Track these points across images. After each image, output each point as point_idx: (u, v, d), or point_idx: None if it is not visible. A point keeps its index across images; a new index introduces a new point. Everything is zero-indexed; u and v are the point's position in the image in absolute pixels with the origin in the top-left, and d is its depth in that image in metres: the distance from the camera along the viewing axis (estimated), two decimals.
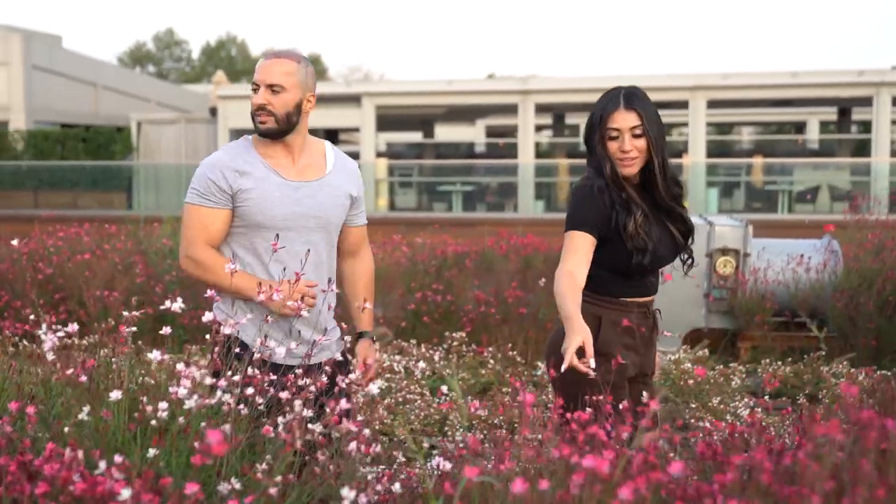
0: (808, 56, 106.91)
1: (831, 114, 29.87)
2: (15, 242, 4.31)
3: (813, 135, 33.57)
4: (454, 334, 6.87)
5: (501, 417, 5.38)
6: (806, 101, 26.31)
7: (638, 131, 3.11)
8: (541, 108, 24.60)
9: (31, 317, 2.93)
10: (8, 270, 7.66)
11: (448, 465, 2.42)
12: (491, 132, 34.89)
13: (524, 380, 6.63)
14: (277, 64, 3.19)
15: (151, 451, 2.34)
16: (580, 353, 2.84)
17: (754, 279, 7.30)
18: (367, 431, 2.53)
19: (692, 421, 5.44)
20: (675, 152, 26.62)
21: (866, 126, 26.16)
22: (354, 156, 25.50)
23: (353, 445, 2.38)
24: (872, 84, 22.47)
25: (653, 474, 1.85)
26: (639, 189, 3.21)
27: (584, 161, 3.39)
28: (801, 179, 24.40)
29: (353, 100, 25.06)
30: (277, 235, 3.22)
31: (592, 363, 2.80)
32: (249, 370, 2.62)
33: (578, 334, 2.85)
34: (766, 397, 5.79)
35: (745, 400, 5.95)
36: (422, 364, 6.10)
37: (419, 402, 5.70)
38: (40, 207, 23.43)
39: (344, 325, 3.59)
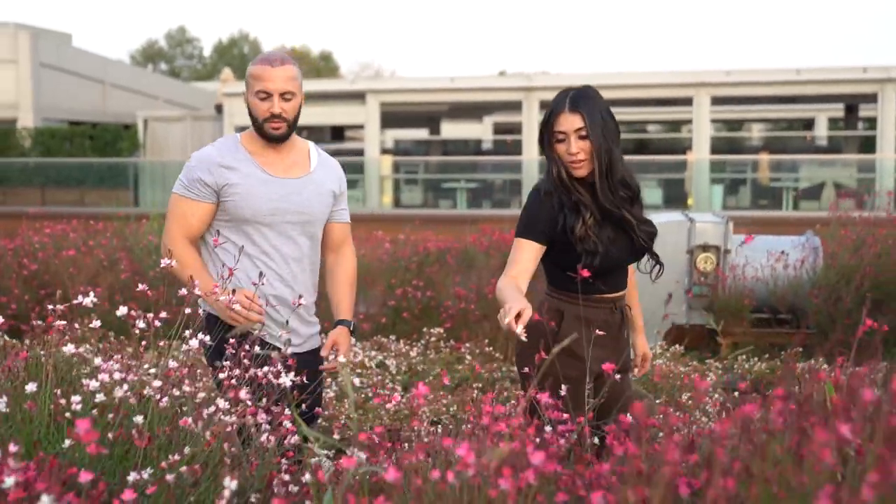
0: (812, 53, 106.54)
1: (839, 111, 29.78)
2: None
3: (821, 131, 33.46)
4: (432, 330, 6.91)
5: (469, 412, 5.41)
6: (810, 98, 26.21)
7: (583, 133, 3.10)
8: (545, 105, 24.59)
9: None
10: None
11: (363, 457, 2.45)
12: (499, 129, 34.89)
13: (501, 375, 6.68)
14: (284, 71, 3.28)
15: (67, 442, 2.38)
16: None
17: (733, 276, 7.31)
18: (286, 423, 2.57)
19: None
20: (680, 149, 26.64)
21: (872, 123, 26.06)
22: (359, 153, 25.66)
23: (264, 437, 2.43)
24: (877, 81, 22.39)
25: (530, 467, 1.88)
26: (590, 189, 3.20)
27: None
28: (807, 176, 24.33)
29: (358, 97, 25.12)
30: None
31: (522, 332, 2.78)
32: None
33: (520, 302, 2.84)
34: (736, 393, 5.80)
35: (716, 396, 5.96)
36: (389, 362, 6.13)
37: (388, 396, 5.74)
38: (48, 204, 23.59)
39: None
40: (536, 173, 24.09)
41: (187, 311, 3.24)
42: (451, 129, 35.49)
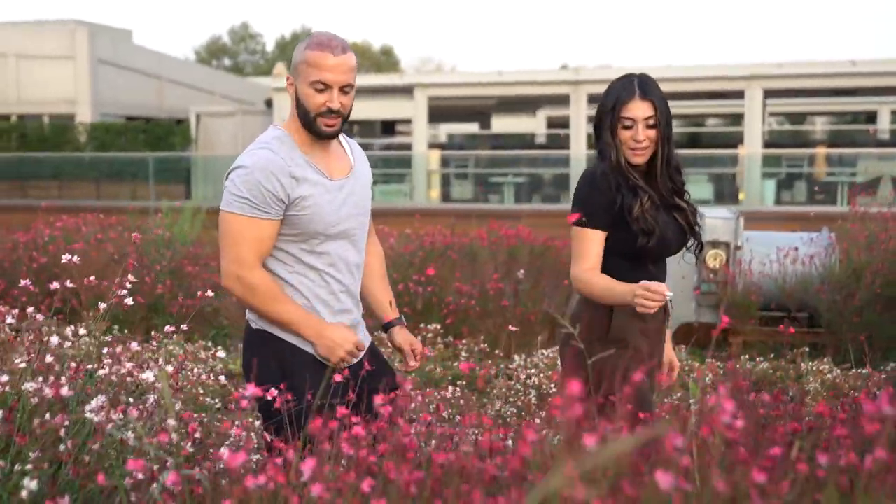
0: (869, 44, 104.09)
1: None
2: None
3: (884, 125, 32.59)
4: (428, 326, 6.82)
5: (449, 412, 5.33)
6: (869, 90, 25.54)
7: (651, 122, 3.14)
8: (593, 99, 24.32)
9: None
10: (4, 259, 7.83)
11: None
12: (552, 123, 34.59)
13: (495, 371, 6.58)
14: (346, 60, 2.92)
15: None
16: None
17: (739, 273, 7.11)
18: (132, 431, 2.49)
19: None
20: (735, 143, 26.13)
21: None
22: (407, 147, 25.62)
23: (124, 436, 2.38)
24: None
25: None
26: (644, 176, 3.23)
27: None
28: (865, 171, 23.69)
29: (407, 91, 25.08)
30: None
31: (669, 292, 2.94)
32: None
33: (637, 286, 2.96)
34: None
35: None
36: None
37: None
38: (102, 198, 23.96)
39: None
40: (584, 167, 23.73)
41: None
42: (504, 124, 35.30)
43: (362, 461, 1.97)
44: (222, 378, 5.31)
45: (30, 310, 2.93)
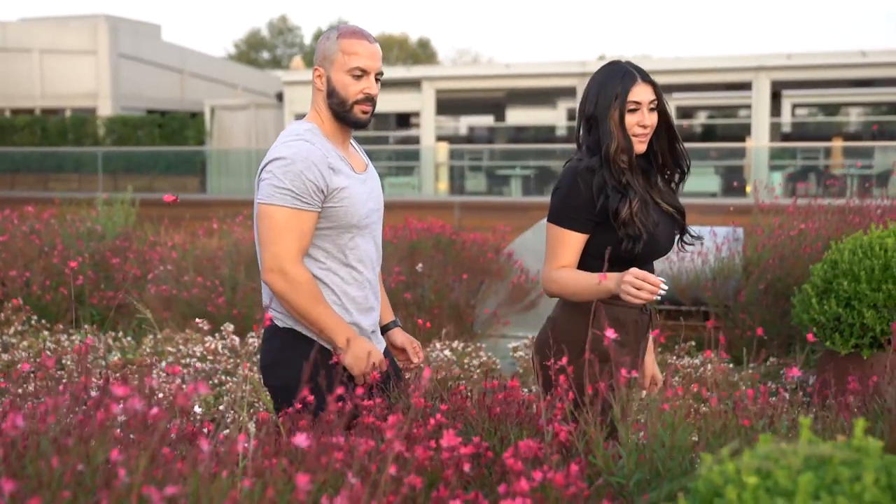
0: (881, 34, 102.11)
1: None
2: None
3: None
4: None
5: None
6: (877, 81, 25.14)
7: (653, 105, 3.00)
8: None
9: None
10: None
11: None
12: (573, 115, 34.43)
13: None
14: (378, 48, 2.96)
15: None
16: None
17: None
18: None
19: None
20: (743, 135, 25.90)
21: None
22: (416, 140, 25.70)
23: None
24: None
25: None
26: (633, 169, 3.02)
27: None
28: (882, 163, 23.32)
29: (414, 84, 25.18)
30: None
31: (664, 286, 2.68)
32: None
33: (621, 274, 2.72)
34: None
35: None
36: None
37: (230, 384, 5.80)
38: (119, 191, 24.40)
39: None
40: None
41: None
42: (520, 116, 35.26)
43: None
44: None
45: None
